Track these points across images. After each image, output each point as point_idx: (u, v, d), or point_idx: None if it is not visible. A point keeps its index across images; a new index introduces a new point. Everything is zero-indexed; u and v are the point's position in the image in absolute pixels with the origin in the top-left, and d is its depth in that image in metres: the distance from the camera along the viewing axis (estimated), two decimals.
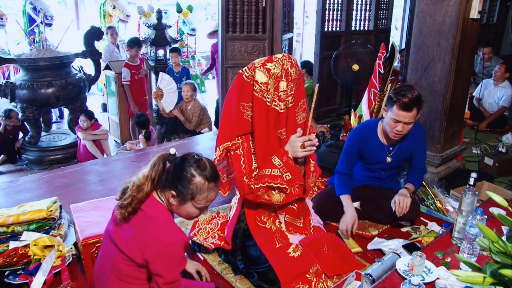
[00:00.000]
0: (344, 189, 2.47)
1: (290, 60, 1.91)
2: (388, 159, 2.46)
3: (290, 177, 1.95)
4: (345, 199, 2.42)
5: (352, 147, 2.50)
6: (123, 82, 5.15)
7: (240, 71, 1.97)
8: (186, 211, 1.50)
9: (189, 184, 1.44)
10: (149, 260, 1.41)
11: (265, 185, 1.94)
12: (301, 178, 2.04)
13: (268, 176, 1.94)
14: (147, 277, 1.50)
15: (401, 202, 2.33)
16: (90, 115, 4.60)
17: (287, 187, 1.94)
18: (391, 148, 2.45)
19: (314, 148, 1.94)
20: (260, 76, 1.90)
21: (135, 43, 5.35)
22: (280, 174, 1.94)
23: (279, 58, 1.91)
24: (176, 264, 1.45)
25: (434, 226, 2.50)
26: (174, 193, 1.46)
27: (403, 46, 6.92)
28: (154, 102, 5.76)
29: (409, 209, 2.36)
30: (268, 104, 1.92)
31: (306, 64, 5.24)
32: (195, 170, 1.45)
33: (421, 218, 2.64)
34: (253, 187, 1.96)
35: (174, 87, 5.03)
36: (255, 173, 2.02)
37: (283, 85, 1.90)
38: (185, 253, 1.53)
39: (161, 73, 5.20)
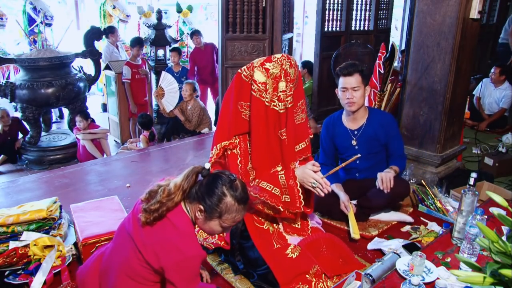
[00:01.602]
0: (332, 180, 2.58)
1: (289, 61, 1.91)
2: (354, 142, 2.59)
3: (289, 200, 1.97)
4: (335, 187, 2.56)
5: (324, 138, 2.72)
6: (123, 80, 5.15)
7: (239, 70, 1.97)
8: (210, 227, 1.51)
9: (219, 202, 1.45)
10: (165, 268, 1.41)
11: (262, 199, 1.95)
12: (298, 203, 1.99)
13: (268, 192, 1.96)
14: (156, 280, 1.50)
15: (383, 177, 2.38)
16: (86, 116, 4.59)
17: (281, 209, 1.97)
18: (355, 132, 2.60)
19: (322, 194, 1.94)
20: (259, 76, 1.89)
21: (136, 42, 5.36)
22: (279, 194, 1.97)
23: (278, 58, 1.91)
24: (192, 278, 1.45)
25: (434, 226, 2.50)
26: (202, 208, 1.46)
27: (403, 46, 6.93)
28: (154, 102, 5.77)
29: (397, 184, 2.41)
30: (266, 104, 1.92)
31: (307, 64, 5.23)
32: (227, 189, 1.46)
33: (421, 218, 2.64)
34: (250, 194, 1.96)
35: (176, 87, 5.02)
36: (252, 176, 2.02)
37: (282, 85, 1.90)
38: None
39: (163, 72, 5.20)
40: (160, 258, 1.41)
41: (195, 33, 6.16)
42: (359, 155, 2.16)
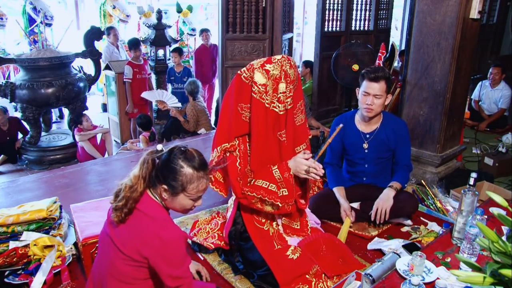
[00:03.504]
0: (337, 181, 2.60)
1: (289, 62, 1.91)
2: (365, 145, 2.55)
3: (287, 193, 1.97)
4: (337, 191, 2.56)
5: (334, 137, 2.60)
6: (124, 80, 5.16)
7: (239, 72, 1.97)
8: (180, 203, 1.51)
9: (179, 175, 1.46)
10: (150, 258, 1.41)
11: (259, 196, 1.95)
12: (297, 195, 2.01)
13: (264, 190, 1.96)
14: (146, 277, 1.49)
15: (378, 209, 2.37)
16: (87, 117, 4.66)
17: (279, 204, 1.96)
18: (367, 136, 2.55)
19: (318, 177, 1.94)
20: (259, 78, 1.89)
21: (132, 45, 5.37)
22: (276, 190, 1.96)
23: (278, 60, 1.90)
24: (180, 260, 1.45)
25: (434, 226, 2.50)
26: (165, 187, 1.47)
27: (403, 46, 6.93)
28: (154, 103, 5.77)
29: (403, 205, 2.44)
30: (267, 105, 1.92)
31: (309, 64, 5.22)
32: (182, 161, 1.47)
33: (421, 218, 2.64)
34: (248, 194, 1.97)
35: (176, 101, 5.00)
36: (250, 178, 2.02)
37: (282, 86, 1.90)
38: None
39: (162, 91, 5.16)
40: (141, 249, 1.41)
41: (205, 30, 6.37)
42: (341, 126, 2.10)
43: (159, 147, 1.52)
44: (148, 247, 1.41)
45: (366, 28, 5.13)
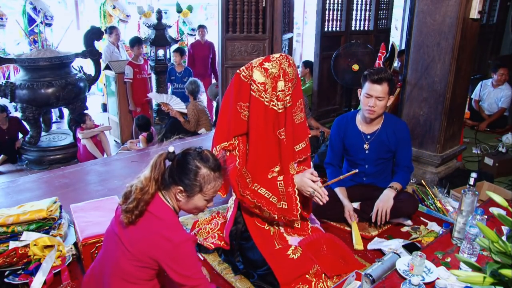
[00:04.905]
0: (338, 182, 2.55)
1: (287, 60, 1.92)
2: (366, 146, 2.54)
3: (286, 207, 1.97)
4: (339, 192, 2.57)
5: (334, 137, 2.65)
6: (125, 80, 5.17)
7: (238, 70, 1.98)
8: (194, 204, 1.51)
9: (196, 176, 1.47)
10: (161, 261, 1.41)
11: (259, 205, 1.96)
12: (295, 211, 1.99)
13: (265, 200, 1.97)
14: (150, 278, 1.50)
15: (379, 210, 2.38)
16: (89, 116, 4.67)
17: (276, 217, 1.99)
18: (368, 136, 2.54)
19: (320, 203, 1.95)
20: (258, 76, 1.90)
21: (135, 42, 5.38)
22: (276, 202, 1.97)
23: (276, 58, 1.91)
24: (192, 262, 1.45)
25: (434, 226, 2.50)
26: (181, 188, 1.47)
27: (403, 46, 6.93)
28: (154, 102, 5.77)
29: (404, 205, 2.45)
30: (266, 104, 1.93)
31: (308, 64, 5.22)
32: (199, 162, 1.48)
33: (421, 218, 2.64)
34: (248, 198, 1.98)
35: (184, 106, 5.00)
36: (248, 178, 2.01)
37: (281, 85, 1.91)
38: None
39: (171, 96, 5.15)
40: (151, 251, 1.41)
41: (202, 26, 6.49)
42: (356, 171, 2.15)
43: (171, 149, 1.52)
44: (158, 250, 1.41)
45: (366, 28, 5.12)
